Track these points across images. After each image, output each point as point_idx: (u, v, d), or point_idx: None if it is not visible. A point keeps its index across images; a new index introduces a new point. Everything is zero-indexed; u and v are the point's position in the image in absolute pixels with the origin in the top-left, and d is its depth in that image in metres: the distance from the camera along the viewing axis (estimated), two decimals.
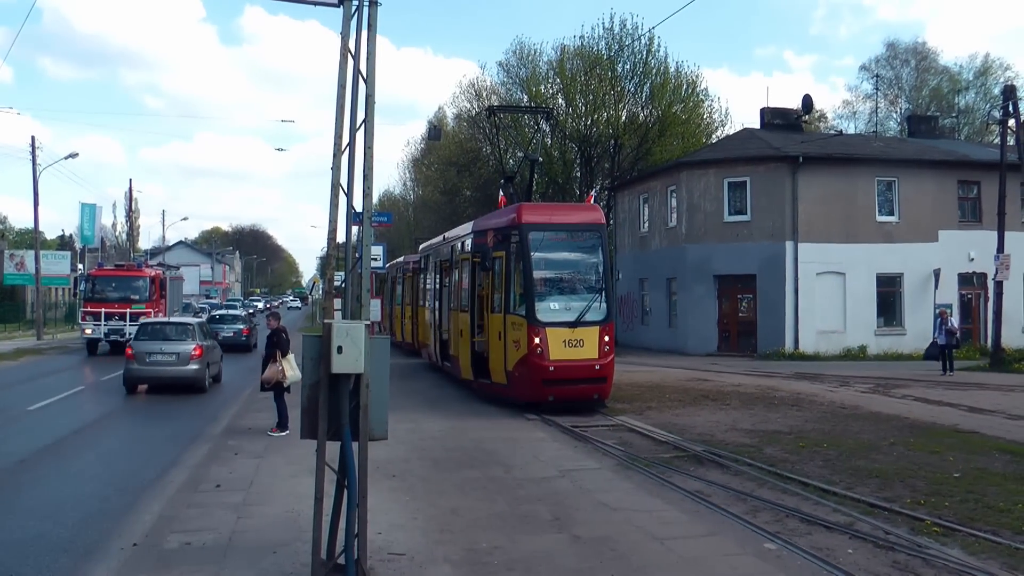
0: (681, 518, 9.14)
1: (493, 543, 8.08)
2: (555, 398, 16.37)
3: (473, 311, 18.92)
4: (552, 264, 17.43)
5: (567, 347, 16.35)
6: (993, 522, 8.76)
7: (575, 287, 17.40)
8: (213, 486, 10.54)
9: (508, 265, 17.30)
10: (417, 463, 11.85)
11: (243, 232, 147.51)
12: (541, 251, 17.11)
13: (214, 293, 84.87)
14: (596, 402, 17.02)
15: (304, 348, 6.75)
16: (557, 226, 17.72)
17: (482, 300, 18.50)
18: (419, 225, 62.68)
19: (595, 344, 16.58)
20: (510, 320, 16.99)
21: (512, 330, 16.86)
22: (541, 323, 16.37)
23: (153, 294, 32.77)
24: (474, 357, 18.72)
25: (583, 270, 17.69)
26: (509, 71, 46.07)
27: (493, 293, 17.85)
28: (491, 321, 17.77)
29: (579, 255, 17.74)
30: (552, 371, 16.19)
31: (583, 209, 19.22)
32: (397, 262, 36.68)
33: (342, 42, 6.94)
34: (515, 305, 17.06)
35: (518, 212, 17.43)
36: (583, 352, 16.46)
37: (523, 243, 16.93)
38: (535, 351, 16.22)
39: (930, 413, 16.79)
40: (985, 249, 30.93)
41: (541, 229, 17.28)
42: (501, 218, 18.47)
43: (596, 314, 16.84)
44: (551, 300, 16.89)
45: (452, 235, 23.40)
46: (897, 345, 32.98)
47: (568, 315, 16.63)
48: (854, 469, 11.39)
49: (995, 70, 62.25)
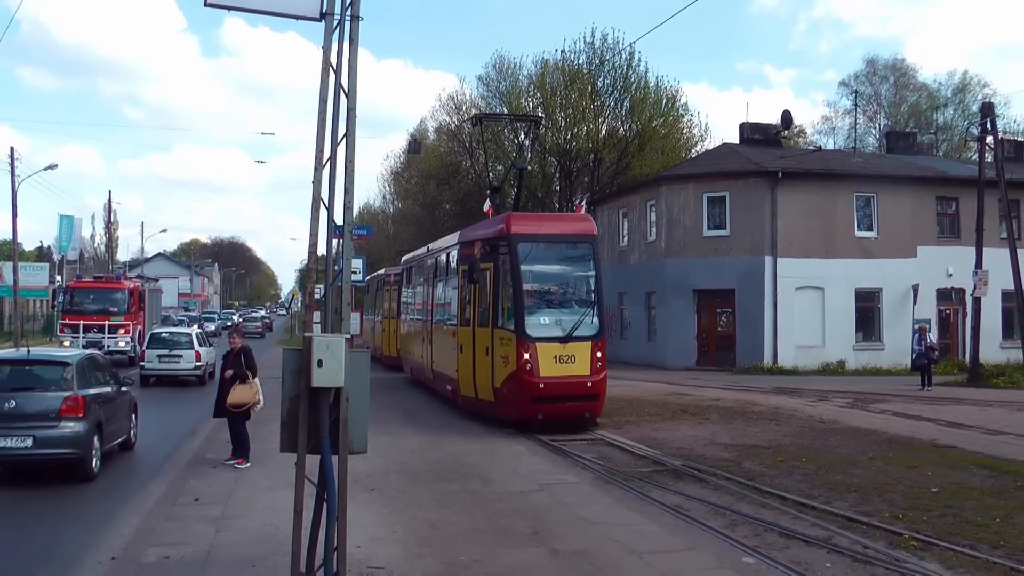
0: (660, 532, 9.16)
1: (472, 557, 8.08)
2: (545, 416, 15.70)
3: (459, 325, 18.19)
4: (542, 277, 16.97)
5: (558, 363, 15.70)
6: (971, 536, 8.81)
7: (566, 301, 16.95)
8: (192, 499, 10.48)
9: (496, 277, 16.61)
10: (396, 476, 11.82)
11: (222, 244, 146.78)
12: (531, 263, 16.53)
13: (193, 305, 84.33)
14: (587, 421, 16.38)
15: (284, 361, 6.73)
16: (548, 237, 17.07)
17: (468, 314, 17.66)
18: (398, 238, 62.53)
19: (587, 360, 15.95)
20: (498, 335, 16.31)
21: (500, 345, 16.16)
22: (531, 338, 15.71)
23: (132, 306, 32.55)
24: (463, 372, 17.79)
25: (574, 283, 17.28)
26: (489, 85, 46.19)
27: (480, 306, 17.10)
28: (478, 336, 16.99)
29: (570, 267, 17.27)
30: (542, 388, 15.56)
31: (574, 219, 18.52)
32: (378, 274, 36.27)
33: (324, 56, 6.95)
34: (504, 319, 16.40)
35: (507, 222, 16.71)
36: (575, 368, 15.84)
37: (512, 254, 16.25)
38: (524, 367, 15.55)
39: (908, 428, 16.89)
40: (963, 265, 31.12)
41: (531, 240, 16.59)
42: (489, 228, 17.77)
43: (588, 329, 16.24)
44: (541, 314, 16.33)
45: (437, 246, 22.62)
46: (875, 360, 33.15)
47: (559, 330, 16.04)
48: (833, 483, 11.44)
49: (973, 87, 63.02)
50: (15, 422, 11.17)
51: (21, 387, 11.76)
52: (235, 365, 13.05)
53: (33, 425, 11.21)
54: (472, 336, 17.16)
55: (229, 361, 13.24)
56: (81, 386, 11.83)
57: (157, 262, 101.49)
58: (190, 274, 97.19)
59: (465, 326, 17.61)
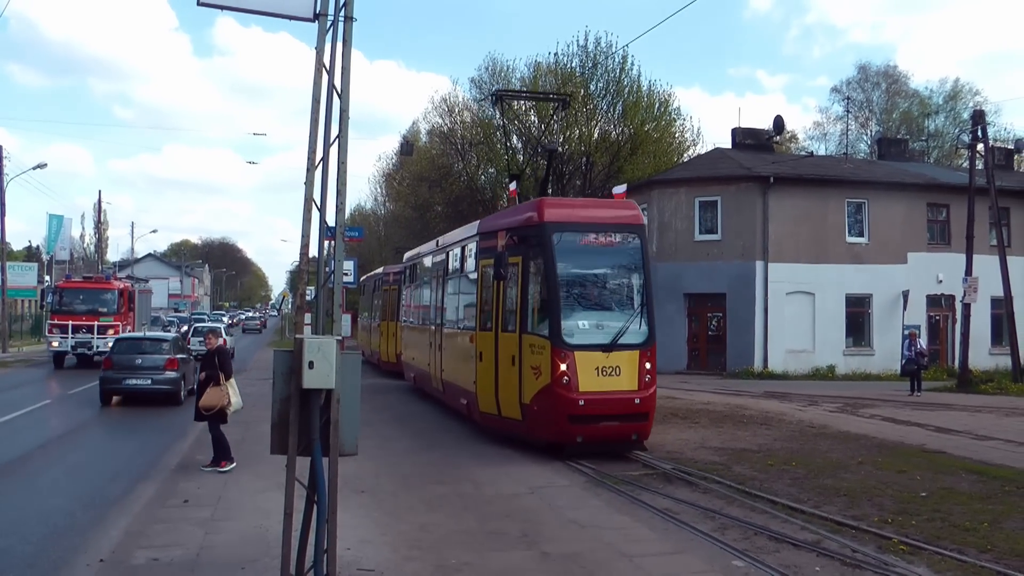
0: (650, 535, 9.17)
1: (462, 559, 8.07)
2: (584, 439, 13.47)
3: (478, 329, 15.84)
4: (581, 273, 14.50)
5: (600, 376, 13.45)
6: (959, 540, 8.86)
7: (610, 302, 14.57)
8: (181, 501, 10.45)
9: (525, 273, 14.40)
10: (386, 478, 11.81)
11: (213, 245, 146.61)
12: (568, 256, 14.19)
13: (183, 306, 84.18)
14: (634, 444, 14.07)
15: (275, 363, 6.73)
16: (588, 226, 14.56)
17: (489, 316, 15.34)
18: (390, 240, 62.49)
19: (634, 372, 13.68)
20: (528, 341, 14.03)
21: (531, 354, 13.89)
22: (569, 346, 13.42)
23: (121, 307, 32.42)
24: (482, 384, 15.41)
25: (619, 280, 14.83)
26: (482, 87, 46.03)
27: (505, 308, 14.90)
28: (503, 342, 14.69)
29: (614, 261, 14.76)
30: (582, 405, 13.26)
31: (618, 205, 15.98)
32: (375, 274, 35.17)
33: (317, 57, 6.94)
34: (534, 323, 14.19)
35: (539, 208, 14.42)
36: (620, 382, 13.57)
37: (546, 246, 13.96)
38: (560, 380, 13.28)
39: (898, 433, 16.94)
40: (953, 271, 31.31)
41: (568, 229, 14.28)
42: (516, 216, 15.44)
43: (636, 336, 13.95)
44: (580, 317, 13.97)
45: (449, 239, 20.23)
46: (865, 365, 33.30)
47: (602, 336, 13.74)
48: (822, 487, 11.47)
49: (964, 95, 63.45)
50: (141, 371, 20.01)
51: (143, 352, 20.40)
52: (209, 367, 12.78)
53: (150, 373, 20.01)
54: (495, 342, 14.93)
55: (204, 363, 13.08)
56: (174, 352, 20.62)
57: (147, 263, 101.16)
58: (180, 275, 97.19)
59: (486, 330, 15.40)
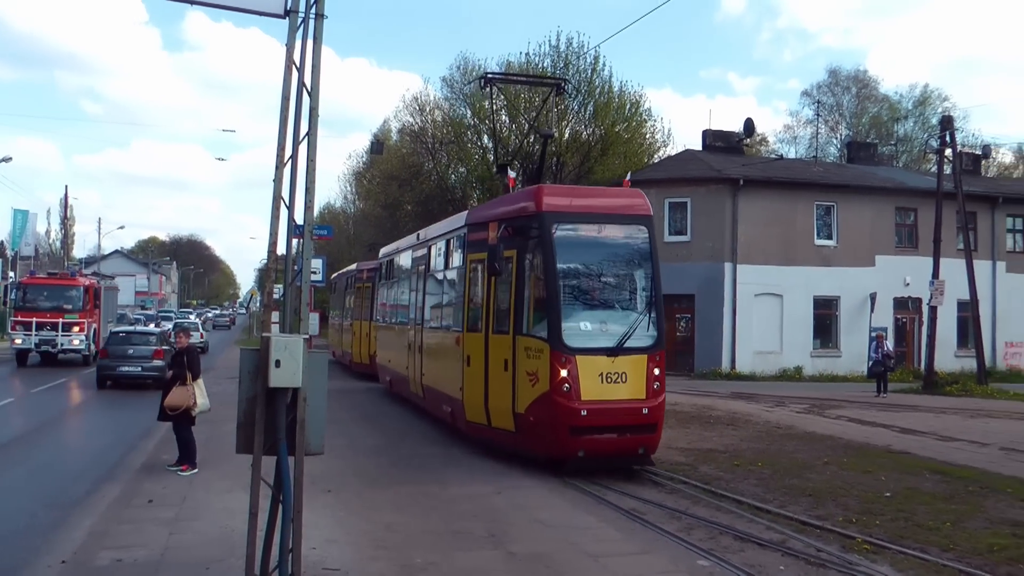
0: (616, 535, 9.20)
1: (428, 559, 8.06)
2: (587, 453, 12.21)
3: (465, 330, 14.60)
4: (584, 268, 13.13)
5: (605, 383, 12.22)
6: (922, 540, 8.96)
7: (615, 300, 13.39)
8: (146, 501, 10.34)
9: (521, 269, 13.07)
10: (353, 478, 11.77)
11: (180, 242, 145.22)
12: (569, 250, 12.89)
13: (150, 304, 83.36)
14: (640, 458, 12.74)
15: (241, 361, 6.68)
16: (591, 216, 13.38)
17: (479, 316, 14.08)
18: (359, 239, 62.19)
19: (642, 379, 12.57)
20: (523, 344, 12.73)
21: (526, 358, 12.62)
22: (570, 349, 12.15)
23: (87, 304, 32.01)
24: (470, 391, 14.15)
25: (626, 277, 13.63)
26: (453, 86, 45.99)
27: (497, 306, 13.59)
28: (494, 344, 13.42)
29: (620, 256, 13.49)
30: (584, 416, 12.02)
31: (624, 194, 14.27)
32: (348, 271, 34.40)
33: (287, 54, 6.89)
34: (530, 324, 12.89)
35: (536, 196, 13.06)
36: (626, 390, 12.38)
37: (545, 238, 12.64)
38: (560, 388, 12.02)
39: (863, 434, 17.11)
40: (920, 275, 31.71)
41: (570, 220, 13.04)
42: (511, 205, 14.12)
43: (643, 338, 12.85)
44: (583, 318, 12.72)
45: (432, 232, 18.83)
46: (832, 367, 33.63)
47: (606, 339, 12.51)
48: (788, 488, 11.55)
49: (934, 100, 64.26)
50: (132, 360, 23.72)
51: (133, 344, 24.34)
52: (177, 366, 12.57)
53: (140, 361, 23.67)
54: (484, 345, 13.66)
55: (173, 361, 12.89)
56: (160, 344, 23.61)
57: (114, 259, 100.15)
58: (147, 272, 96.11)
59: (474, 331, 14.16)
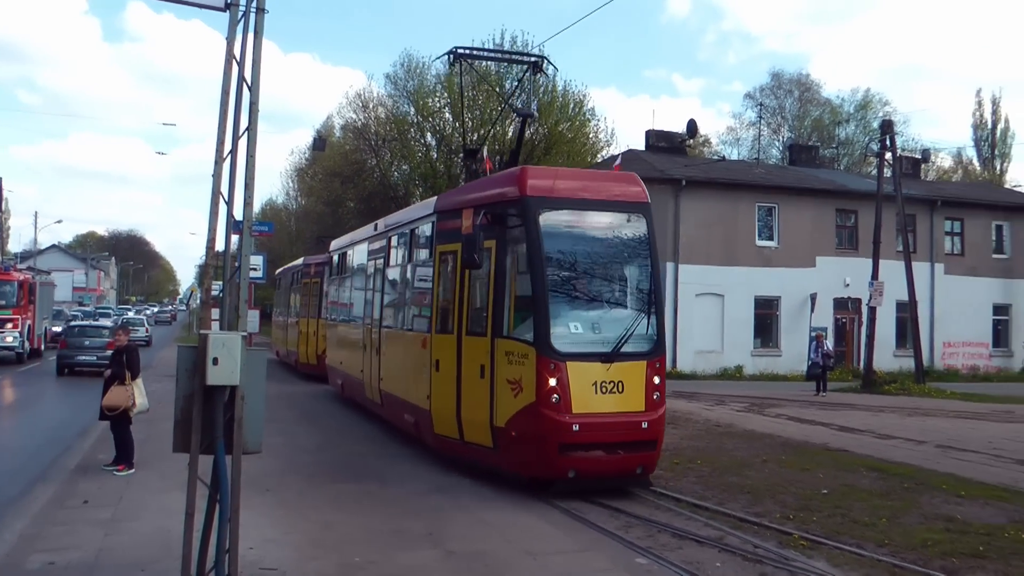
0: (555, 534, 9.23)
1: (367, 557, 8.02)
2: (578, 474, 10.68)
3: (434, 331, 12.95)
4: (574, 262, 11.43)
5: (599, 393, 10.71)
6: (858, 536, 9.13)
7: (610, 299, 11.71)
8: (80, 502, 10.12)
9: (501, 262, 11.51)
10: (292, 477, 11.67)
11: (120, 237, 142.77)
12: (558, 241, 11.26)
13: (87, 300, 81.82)
14: (638, 478, 11.22)
15: (179, 359, 6.59)
16: (583, 202, 11.64)
17: (450, 316, 12.47)
18: (301, 236, 61.65)
19: (640, 388, 10.94)
20: (504, 348, 11.16)
21: (508, 364, 11.05)
22: (560, 354, 10.62)
23: (21, 300, 31.30)
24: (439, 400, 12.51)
25: (621, 272, 11.96)
26: (397, 83, 45.67)
27: (471, 306, 12.09)
28: (468, 348, 11.84)
29: (615, 249, 11.88)
30: (576, 431, 10.48)
31: (618, 179, 12.55)
32: (294, 266, 33.51)
33: (227, 48, 6.82)
34: (512, 325, 11.34)
35: (520, 179, 11.39)
36: (623, 401, 10.82)
37: (529, 227, 11.08)
38: (548, 399, 10.46)
39: (802, 432, 17.37)
40: (860, 276, 32.27)
41: (558, 206, 11.36)
42: (489, 189, 12.49)
43: (642, 341, 11.21)
44: (574, 318, 11.15)
45: (393, 222, 17.15)
46: (773, 366, 34.09)
47: (600, 342, 10.98)
48: (726, 485, 11.69)
49: (875, 104, 65.53)
50: (88, 350, 26.83)
51: (89, 336, 27.71)
52: (116, 364, 12.31)
53: (96, 351, 26.17)
54: (457, 348, 12.06)
55: (112, 360, 12.62)
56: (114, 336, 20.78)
57: (51, 254, 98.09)
58: (86, 267, 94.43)
59: (445, 333, 12.58)
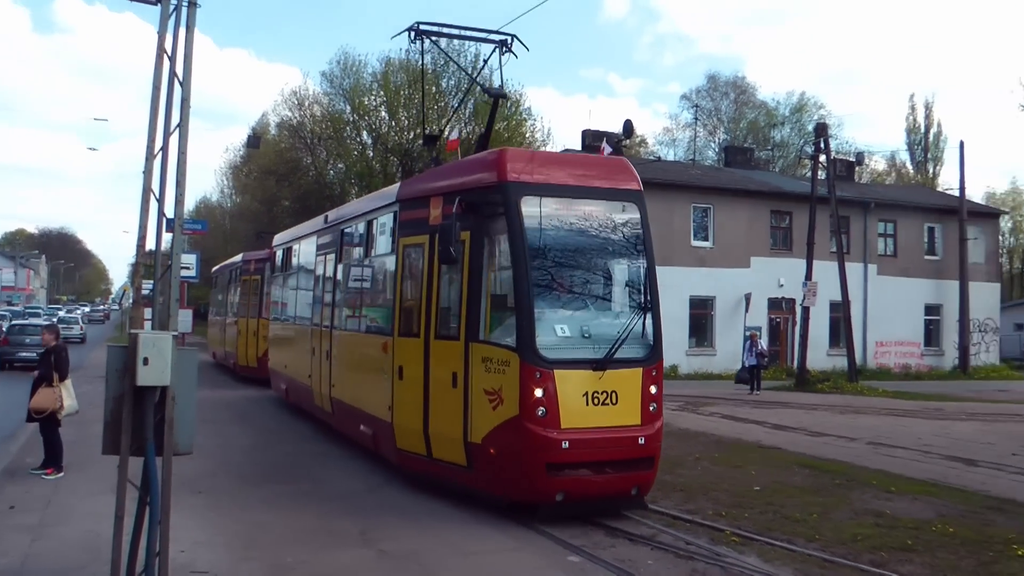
0: (489, 532, 9.25)
1: (299, 558, 7.99)
2: (567, 497, 9.39)
3: (397, 334, 11.48)
4: (562, 257, 10.05)
5: (591, 404, 9.43)
6: (789, 531, 9.28)
7: (601, 298, 10.38)
8: (6, 507, 9.86)
9: (476, 257, 10.08)
10: (224, 478, 11.54)
11: (51, 235, 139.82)
12: (543, 233, 9.86)
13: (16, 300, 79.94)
14: (632, 500, 10.01)
15: (108, 360, 6.49)
16: (569, 189, 10.29)
17: (415, 317, 11.08)
18: (235, 234, 60.88)
19: (636, 399, 9.67)
20: (481, 354, 9.77)
21: (485, 372, 9.69)
22: (547, 361, 9.29)
23: None
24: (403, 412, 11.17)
25: (613, 269, 10.61)
26: (333, 81, 45.34)
27: (440, 305, 10.62)
28: (438, 353, 10.47)
29: (606, 242, 10.56)
30: (566, 448, 9.20)
31: (607, 164, 11.54)
32: (231, 263, 32.35)
33: (159, 42, 6.74)
34: (489, 327, 9.95)
35: (499, 162, 10.09)
36: (617, 414, 9.56)
37: (511, 217, 9.72)
38: (534, 412, 9.15)
39: (736, 430, 17.60)
40: (794, 276, 32.72)
41: (542, 194, 9.95)
42: (464, 175, 11.05)
43: (637, 347, 9.93)
44: (561, 320, 9.78)
45: (347, 213, 15.76)
46: (707, 365, 34.49)
47: (591, 348, 9.64)
48: (659, 483, 11.68)
49: (810, 108, 66.61)
50: (29, 347, 28.29)
51: (29, 333, 29.58)
52: (44, 366, 11.99)
53: (36, 348, 23.62)
54: (424, 353, 10.70)
55: (40, 361, 12.31)
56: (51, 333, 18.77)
57: None
58: (14, 266, 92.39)
59: (409, 336, 11.16)
